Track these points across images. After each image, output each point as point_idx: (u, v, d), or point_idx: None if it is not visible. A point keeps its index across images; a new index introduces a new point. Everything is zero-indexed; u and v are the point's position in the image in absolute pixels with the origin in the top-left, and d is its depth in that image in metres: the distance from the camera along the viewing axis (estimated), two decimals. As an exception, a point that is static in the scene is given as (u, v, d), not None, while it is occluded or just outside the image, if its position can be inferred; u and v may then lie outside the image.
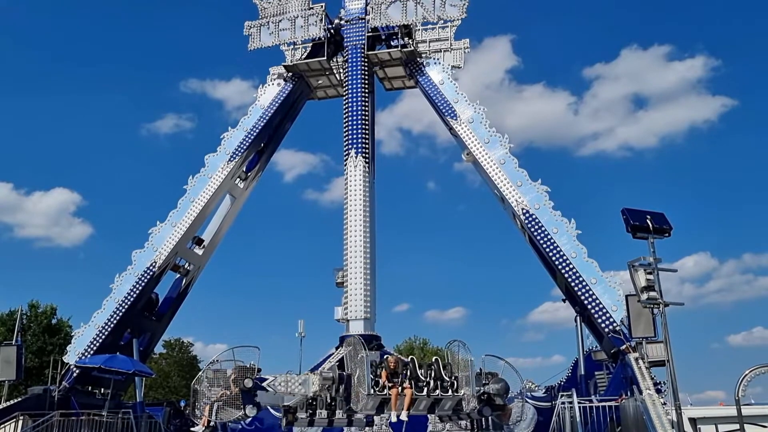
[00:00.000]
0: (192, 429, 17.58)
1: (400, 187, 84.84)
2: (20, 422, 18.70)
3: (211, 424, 16.65)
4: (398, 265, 72.24)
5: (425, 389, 14.52)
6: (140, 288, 22.36)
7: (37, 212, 76.35)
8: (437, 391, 14.56)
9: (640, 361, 16.02)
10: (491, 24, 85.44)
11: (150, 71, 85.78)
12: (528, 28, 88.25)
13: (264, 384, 15.63)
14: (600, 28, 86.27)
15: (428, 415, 17.78)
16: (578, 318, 19.92)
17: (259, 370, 16.42)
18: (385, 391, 14.38)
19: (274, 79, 25.69)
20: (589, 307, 18.59)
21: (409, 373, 14.86)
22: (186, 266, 24.55)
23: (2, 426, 18.52)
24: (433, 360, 15.49)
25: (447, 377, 14.80)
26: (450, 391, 14.63)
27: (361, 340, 15.75)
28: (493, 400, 15.06)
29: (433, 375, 14.80)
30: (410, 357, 15.74)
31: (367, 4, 24.32)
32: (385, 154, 76.17)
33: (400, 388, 14.59)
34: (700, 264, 78.00)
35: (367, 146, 22.80)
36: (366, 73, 23.82)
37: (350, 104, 23.16)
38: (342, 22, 24.83)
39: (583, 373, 19.48)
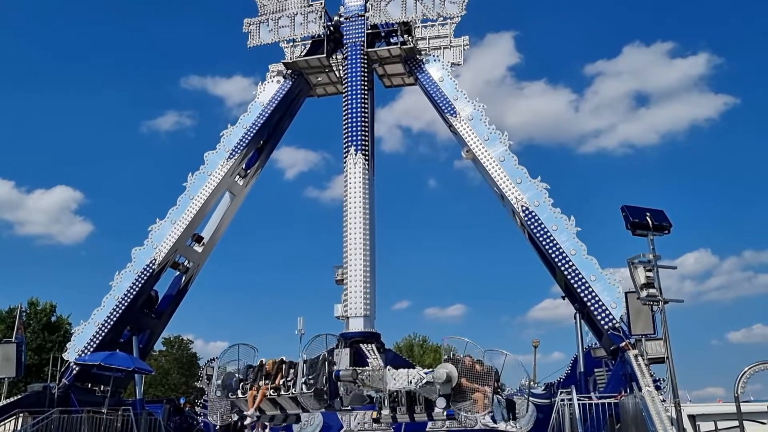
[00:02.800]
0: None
1: (400, 184, 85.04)
2: (20, 419, 18.71)
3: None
4: (399, 263, 72.41)
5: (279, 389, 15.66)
6: (140, 285, 22.37)
7: (38, 210, 76.55)
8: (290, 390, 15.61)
9: (640, 358, 16.02)
10: (494, 20, 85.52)
11: (151, 68, 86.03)
12: (530, 25, 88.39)
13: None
14: (603, 25, 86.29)
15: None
16: (578, 315, 19.93)
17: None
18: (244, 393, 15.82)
19: (274, 77, 25.66)
20: (589, 304, 18.60)
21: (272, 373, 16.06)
22: (185, 263, 24.55)
23: (2, 423, 18.52)
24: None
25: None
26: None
27: (242, 344, 16.60)
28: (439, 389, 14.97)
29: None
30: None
31: (366, 1, 24.27)
32: (386, 151, 76.28)
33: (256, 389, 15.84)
34: (701, 261, 78.21)
35: (366, 143, 22.78)
36: (365, 70, 23.78)
37: (350, 101, 23.13)
38: (341, 19, 24.79)
39: (582, 370, 19.48)
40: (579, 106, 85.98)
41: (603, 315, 18.28)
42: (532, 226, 20.01)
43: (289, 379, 15.90)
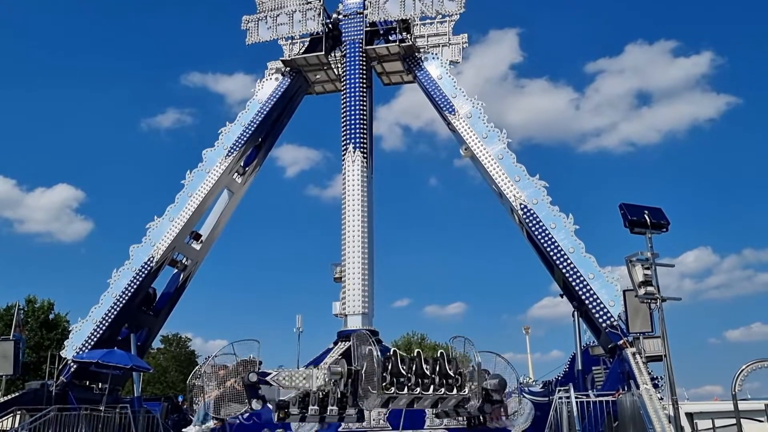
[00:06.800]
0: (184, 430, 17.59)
1: (401, 182, 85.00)
2: (18, 417, 18.70)
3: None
4: (400, 261, 72.56)
5: (431, 387, 14.03)
6: (138, 283, 22.32)
7: (39, 208, 76.60)
8: (442, 389, 14.14)
9: (638, 356, 16.04)
10: (496, 16, 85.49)
11: (151, 65, 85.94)
12: (533, 22, 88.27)
13: (267, 378, 15.47)
14: (606, 23, 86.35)
15: (426, 410, 17.86)
16: (576, 313, 19.94)
17: (260, 363, 16.35)
18: (393, 389, 13.82)
19: (272, 74, 25.60)
20: (587, 302, 18.60)
21: (415, 369, 14.28)
22: (183, 261, 24.51)
23: (0, 420, 18.52)
24: (438, 354, 15.06)
25: (452, 373, 14.37)
26: (455, 388, 14.25)
27: (368, 333, 15.43)
28: (491, 395, 14.99)
29: (438, 371, 14.35)
30: (416, 351, 15.34)
31: (365, -1, 24.23)
32: (386, 149, 76.32)
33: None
34: (701, 259, 78.39)
35: (365, 141, 22.78)
36: (364, 67, 23.76)
37: (348, 99, 23.12)
38: (340, 16, 24.77)
39: (580, 368, 19.49)
40: (580, 105, 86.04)
41: (601, 313, 18.29)
42: (530, 224, 20.00)
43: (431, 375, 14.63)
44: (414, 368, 14.21)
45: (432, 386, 14.03)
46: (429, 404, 14.55)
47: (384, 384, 13.70)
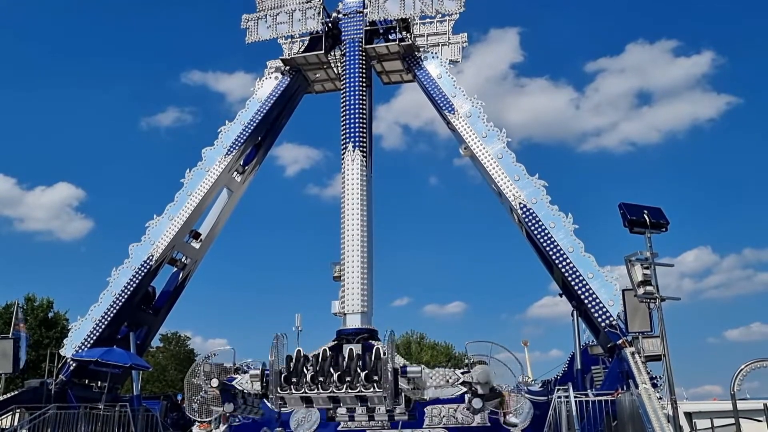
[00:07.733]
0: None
1: (401, 181, 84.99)
2: (17, 415, 18.71)
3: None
4: (400, 260, 72.48)
5: (345, 385, 13.42)
6: (137, 281, 22.33)
7: (39, 206, 76.63)
8: (360, 387, 13.41)
9: (636, 356, 16.05)
10: (497, 15, 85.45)
11: (151, 63, 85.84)
12: (534, 21, 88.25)
13: (233, 383, 15.75)
14: (607, 22, 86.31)
15: (425, 410, 17.85)
16: (575, 313, 19.96)
17: (237, 369, 16.72)
18: (303, 388, 13.47)
19: (272, 73, 25.58)
20: (586, 301, 18.61)
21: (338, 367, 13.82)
22: (183, 260, 24.52)
23: (-1, 419, 18.54)
24: (375, 350, 14.64)
25: (378, 371, 13.54)
26: (374, 386, 13.44)
27: (282, 334, 15.34)
28: (476, 389, 14.66)
29: (363, 367, 13.74)
30: (349, 348, 15.01)
31: (365, -3, 24.22)
32: (386, 148, 76.31)
33: None
34: (701, 259, 78.41)
35: (364, 140, 22.76)
36: (363, 66, 23.73)
37: (347, 98, 23.11)
38: (340, 15, 24.74)
39: (579, 367, 19.52)
40: (580, 104, 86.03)
41: (600, 312, 18.30)
42: (529, 223, 20.01)
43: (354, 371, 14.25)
44: (338, 366, 13.71)
45: (348, 385, 13.43)
46: (352, 402, 14.01)
47: (302, 384, 13.46)
